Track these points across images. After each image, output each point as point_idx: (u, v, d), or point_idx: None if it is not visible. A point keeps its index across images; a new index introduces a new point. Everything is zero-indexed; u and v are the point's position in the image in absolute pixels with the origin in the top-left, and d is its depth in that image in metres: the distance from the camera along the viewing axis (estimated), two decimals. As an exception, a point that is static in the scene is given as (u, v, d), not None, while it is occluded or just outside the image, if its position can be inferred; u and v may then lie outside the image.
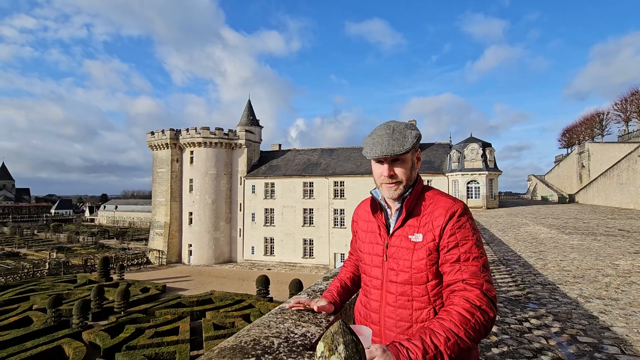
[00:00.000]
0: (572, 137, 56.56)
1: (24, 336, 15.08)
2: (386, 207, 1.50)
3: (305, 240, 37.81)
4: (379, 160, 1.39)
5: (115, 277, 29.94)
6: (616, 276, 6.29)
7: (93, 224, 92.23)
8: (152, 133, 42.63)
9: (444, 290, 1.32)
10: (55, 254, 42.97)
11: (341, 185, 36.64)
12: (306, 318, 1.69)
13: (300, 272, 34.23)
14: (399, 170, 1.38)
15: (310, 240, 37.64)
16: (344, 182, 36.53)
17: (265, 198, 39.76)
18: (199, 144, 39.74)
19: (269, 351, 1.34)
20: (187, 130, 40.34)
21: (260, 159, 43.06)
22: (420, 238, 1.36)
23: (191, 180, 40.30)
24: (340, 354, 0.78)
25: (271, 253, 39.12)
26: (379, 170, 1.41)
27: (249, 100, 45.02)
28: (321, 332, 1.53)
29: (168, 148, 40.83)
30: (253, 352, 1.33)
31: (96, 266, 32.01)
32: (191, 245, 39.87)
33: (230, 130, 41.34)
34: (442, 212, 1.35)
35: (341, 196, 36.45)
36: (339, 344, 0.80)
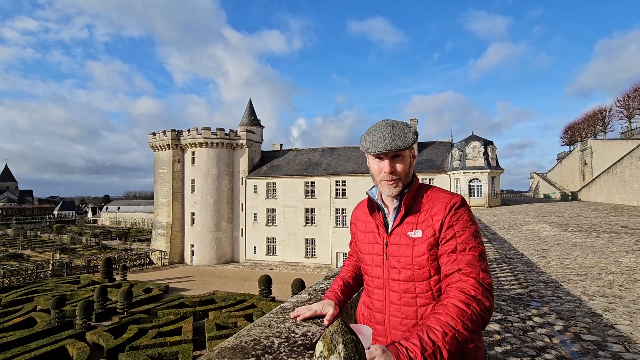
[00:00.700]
0: (574, 135, 56.26)
1: (28, 337, 15.18)
2: (383, 206, 1.50)
3: (307, 240, 37.81)
4: (378, 156, 1.40)
5: (118, 277, 30.06)
6: (620, 274, 6.25)
7: (96, 225, 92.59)
8: (154, 134, 42.72)
9: (442, 282, 1.32)
10: (58, 255, 43.17)
11: (342, 185, 36.62)
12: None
13: (302, 271, 34.24)
14: (399, 166, 1.39)
15: (312, 240, 37.65)
16: (345, 182, 36.50)
17: (267, 198, 39.79)
18: (201, 144, 39.79)
19: (269, 351, 1.33)
20: (189, 130, 40.42)
21: (261, 159, 43.09)
22: (420, 234, 1.36)
23: (193, 181, 40.38)
24: (339, 353, 0.77)
25: (273, 253, 39.18)
26: (378, 167, 1.41)
27: (249, 100, 45.05)
28: (322, 332, 1.52)
29: (169, 149, 40.91)
30: (253, 352, 1.32)
31: (99, 267, 32.16)
32: (193, 246, 39.97)
33: (231, 131, 41.38)
34: (442, 207, 1.36)
35: (343, 195, 36.42)
36: (338, 344, 0.78)
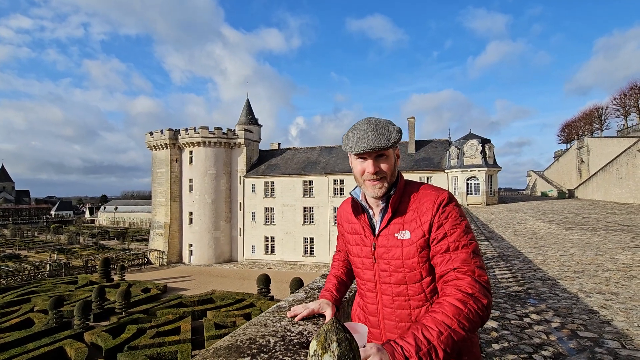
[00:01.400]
0: (571, 132, 56.50)
1: (25, 338, 15.11)
2: (367, 207, 1.45)
3: (305, 239, 37.81)
4: (361, 156, 1.35)
5: (116, 277, 29.96)
6: (616, 271, 6.28)
7: (93, 225, 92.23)
8: (151, 133, 42.54)
9: (437, 283, 1.29)
10: (56, 255, 42.99)
11: (341, 184, 36.62)
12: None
13: (301, 270, 34.23)
14: (384, 165, 1.34)
15: (310, 239, 37.65)
16: (343, 180, 36.49)
17: (265, 197, 39.74)
18: (198, 143, 39.67)
19: (265, 350, 1.32)
20: (186, 130, 40.28)
21: (259, 158, 43.01)
22: (408, 235, 1.33)
23: (191, 180, 40.27)
24: (333, 352, 0.76)
25: (272, 252, 39.15)
26: (361, 167, 1.36)
27: (247, 99, 44.95)
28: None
29: (167, 148, 40.77)
30: (249, 351, 1.31)
31: (97, 267, 32.02)
32: (191, 245, 39.89)
33: (229, 130, 41.28)
34: (429, 207, 1.32)
35: (341, 194, 36.40)
36: (332, 342, 0.77)
